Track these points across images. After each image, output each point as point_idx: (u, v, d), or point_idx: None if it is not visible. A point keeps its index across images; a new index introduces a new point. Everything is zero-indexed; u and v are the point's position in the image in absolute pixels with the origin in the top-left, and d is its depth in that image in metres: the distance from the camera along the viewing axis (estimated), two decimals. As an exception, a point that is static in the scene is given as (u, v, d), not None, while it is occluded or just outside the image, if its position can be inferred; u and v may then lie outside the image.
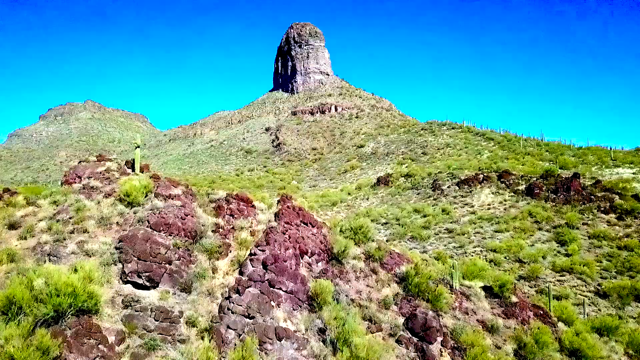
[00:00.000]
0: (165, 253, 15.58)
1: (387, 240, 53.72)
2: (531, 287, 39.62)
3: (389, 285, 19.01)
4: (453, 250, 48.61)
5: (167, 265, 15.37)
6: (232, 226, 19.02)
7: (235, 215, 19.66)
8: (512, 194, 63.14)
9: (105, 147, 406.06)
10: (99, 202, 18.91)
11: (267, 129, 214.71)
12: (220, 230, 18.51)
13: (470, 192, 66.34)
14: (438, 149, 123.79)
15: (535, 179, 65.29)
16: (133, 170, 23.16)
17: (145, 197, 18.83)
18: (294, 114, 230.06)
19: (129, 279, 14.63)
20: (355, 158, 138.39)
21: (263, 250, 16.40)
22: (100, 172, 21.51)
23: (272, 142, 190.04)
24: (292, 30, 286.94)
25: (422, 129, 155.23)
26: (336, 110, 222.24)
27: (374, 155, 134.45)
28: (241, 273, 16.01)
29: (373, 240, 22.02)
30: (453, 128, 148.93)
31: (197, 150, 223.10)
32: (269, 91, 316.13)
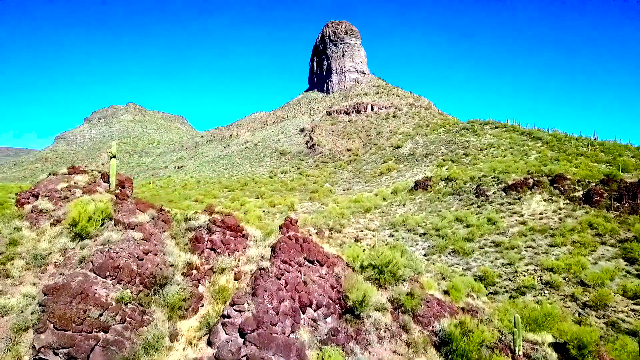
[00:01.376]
0: (100, 316, 10.93)
1: (424, 255, 48.09)
2: (599, 318, 33.09)
3: (425, 351, 13.70)
4: (501, 268, 42.35)
5: (100, 335, 10.73)
6: (211, 266, 14.24)
7: (218, 250, 14.93)
8: (568, 201, 55.91)
9: (145, 149, 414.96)
10: (42, 232, 14.55)
11: (302, 130, 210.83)
12: (194, 272, 13.78)
13: (519, 198, 59.45)
14: (481, 149, 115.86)
15: (594, 184, 57.77)
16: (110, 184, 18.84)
17: (102, 225, 14.32)
18: (329, 114, 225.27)
19: (41, 357, 10.07)
20: (392, 159, 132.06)
21: (241, 311, 11.52)
22: (61, 190, 17.24)
23: (306, 143, 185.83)
24: (327, 29, 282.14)
25: (463, 129, 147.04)
26: (372, 109, 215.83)
27: (412, 157, 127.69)
28: (210, 344, 11.20)
29: (404, 280, 16.68)
30: (496, 127, 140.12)
31: (232, 152, 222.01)
32: (304, 91, 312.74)
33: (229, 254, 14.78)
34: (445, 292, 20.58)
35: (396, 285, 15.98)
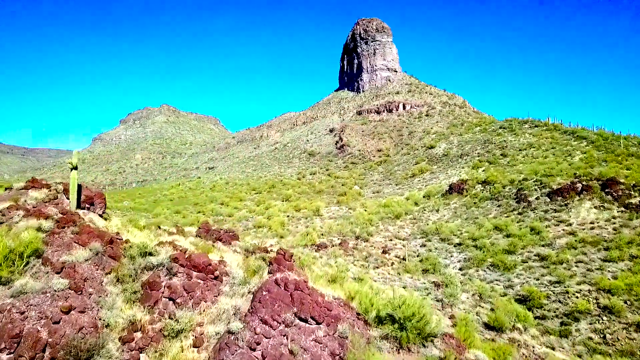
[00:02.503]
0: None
1: (460, 270, 43.58)
2: (672, 353, 28.02)
3: None
4: (548, 287, 37.45)
5: None
6: (161, 327, 10.66)
7: (178, 300, 11.39)
8: (623, 209, 50.13)
9: (177, 150, 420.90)
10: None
11: (331, 130, 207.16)
12: (137, 336, 10.22)
13: (566, 205, 53.94)
14: (520, 150, 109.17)
15: (652, 189, 51.79)
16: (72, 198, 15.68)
17: (26, 265, 10.97)
18: (359, 113, 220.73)
19: None
20: (425, 160, 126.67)
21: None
22: (1, 211, 14.10)
23: (336, 144, 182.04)
24: (358, 27, 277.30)
25: (500, 127, 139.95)
26: (404, 108, 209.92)
27: (446, 157, 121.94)
28: None
29: (434, 337, 12.66)
30: (536, 126, 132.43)
31: (261, 153, 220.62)
32: (335, 91, 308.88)
33: (193, 306, 11.24)
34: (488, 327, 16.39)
35: (424, 346, 12.03)
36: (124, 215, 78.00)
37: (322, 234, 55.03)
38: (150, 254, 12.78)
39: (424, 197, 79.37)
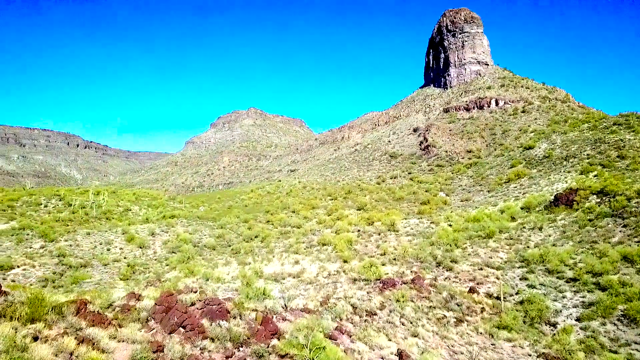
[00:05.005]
0: None
1: (578, 320, 32.40)
2: None
3: None
4: None
5: None
6: None
7: None
8: None
9: (263, 152, 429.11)
10: None
11: (415, 130, 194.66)
12: None
13: None
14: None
15: None
16: None
17: None
18: (446, 111, 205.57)
19: None
20: (522, 163, 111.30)
21: None
22: None
23: (420, 144, 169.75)
24: (444, 19, 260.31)
25: (614, 124, 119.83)
26: (497, 104, 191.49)
27: (548, 160, 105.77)
28: None
29: None
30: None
31: (341, 155, 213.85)
32: (419, 88, 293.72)
33: None
34: None
35: None
36: (190, 225, 74.53)
37: (395, 259, 45.91)
38: None
39: (522, 209, 66.93)
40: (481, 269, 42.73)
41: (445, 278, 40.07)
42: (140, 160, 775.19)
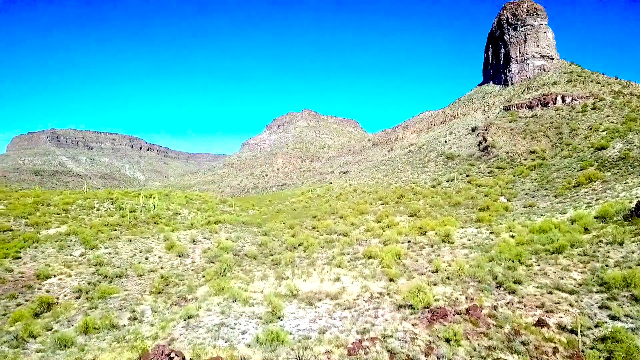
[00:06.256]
0: None
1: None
2: None
3: None
4: None
5: None
6: None
7: None
8: None
9: (316, 153, 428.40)
10: None
11: (473, 129, 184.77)
12: None
13: None
14: None
15: None
16: None
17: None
18: (507, 109, 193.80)
19: None
20: (593, 165, 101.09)
21: None
22: None
23: (478, 145, 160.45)
24: (505, 12, 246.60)
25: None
26: (563, 101, 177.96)
27: (624, 162, 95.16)
28: None
29: None
30: None
31: (394, 156, 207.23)
32: (478, 85, 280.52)
33: None
34: None
35: None
36: (233, 231, 72.41)
37: (448, 277, 40.72)
38: None
39: (596, 218, 59.15)
40: (550, 293, 36.62)
41: (507, 303, 34.51)
42: (199, 162, 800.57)
